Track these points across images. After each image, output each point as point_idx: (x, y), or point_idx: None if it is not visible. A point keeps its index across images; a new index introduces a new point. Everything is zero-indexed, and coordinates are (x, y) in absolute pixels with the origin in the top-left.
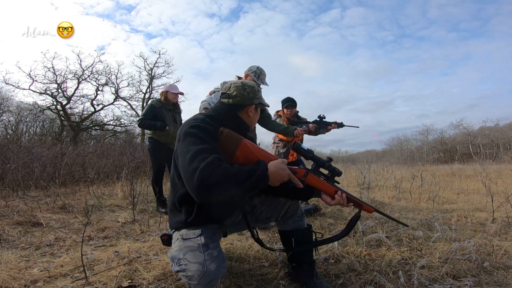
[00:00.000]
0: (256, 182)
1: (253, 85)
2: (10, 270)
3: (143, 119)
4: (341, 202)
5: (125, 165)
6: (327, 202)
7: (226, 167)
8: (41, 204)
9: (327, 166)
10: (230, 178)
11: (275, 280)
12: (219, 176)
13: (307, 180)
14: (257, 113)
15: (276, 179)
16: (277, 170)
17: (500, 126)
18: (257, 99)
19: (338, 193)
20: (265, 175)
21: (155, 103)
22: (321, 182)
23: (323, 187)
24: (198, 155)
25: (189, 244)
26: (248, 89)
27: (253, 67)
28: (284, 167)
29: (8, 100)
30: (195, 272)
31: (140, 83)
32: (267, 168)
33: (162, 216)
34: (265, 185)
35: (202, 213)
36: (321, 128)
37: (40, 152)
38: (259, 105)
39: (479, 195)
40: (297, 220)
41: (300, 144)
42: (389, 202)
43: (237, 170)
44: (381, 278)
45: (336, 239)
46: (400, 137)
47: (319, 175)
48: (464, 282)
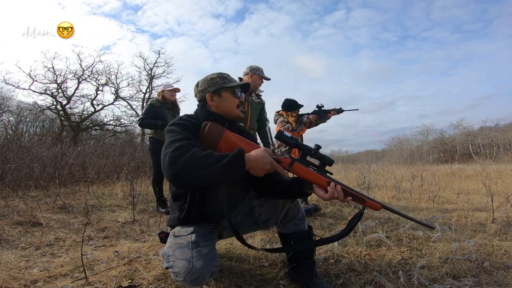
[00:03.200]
0: (227, 166)
1: (205, 77)
2: (10, 270)
3: (143, 118)
4: (336, 195)
5: (125, 165)
6: (321, 196)
7: (195, 151)
8: (41, 204)
9: (314, 154)
10: (198, 160)
11: (275, 280)
12: (186, 159)
13: (293, 170)
14: (222, 99)
15: (258, 167)
16: (257, 158)
17: (500, 126)
18: (212, 87)
19: (331, 184)
20: (239, 160)
21: (154, 103)
22: (309, 172)
23: (313, 178)
24: (171, 144)
25: (179, 241)
26: (200, 83)
27: (252, 66)
28: (266, 155)
29: (8, 100)
30: (181, 268)
31: (140, 83)
32: (242, 154)
33: (162, 216)
34: (241, 172)
35: (192, 209)
36: (321, 117)
37: (40, 152)
38: (217, 91)
39: (479, 195)
40: (298, 224)
41: (283, 132)
42: (389, 202)
43: (207, 153)
44: (381, 278)
45: (336, 239)
46: (400, 137)
47: (307, 165)
48: (464, 282)
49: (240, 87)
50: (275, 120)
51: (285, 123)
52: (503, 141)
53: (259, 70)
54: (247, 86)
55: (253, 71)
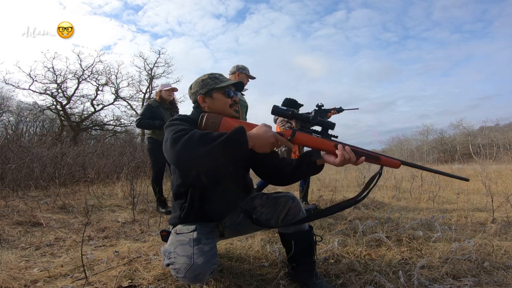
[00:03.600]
0: (227, 141)
1: (197, 79)
2: (10, 270)
3: (141, 119)
4: (347, 157)
5: (125, 165)
6: (332, 163)
7: (195, 131)
8: (41, 204)
9: (313, 120)
10: (197, 137)
11: (275, 280)
12: (186, 138)
13: (297, 141)
14: (214, 100)
15: (262, 143)
16: (260, 133)
17: (500, 126)
18: (203, 88)
19: (338, 147)
20: (240, 135)
21: (152, 103)
22: (313, 139)
23: (318, 144)
24: (171, 132)
25: (180, 238)
26: (192, 85)
27: (239, 66)
28: (268, 129)
29: (8, 100)
30: (182, 265)
31: (140, 83)
32: (243, 130)
33: (162, 216)
34: (243, 148)
35: (193, 208)
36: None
37: (40, 152)
38: (208, 92)
39: (479, 195)
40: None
41: (278, 106)
42: (389, 202)
43: (207, 132)
44: (381, 278)
45: (352, 204)
46: (400, 137)
47: (309, 132)
48: (464, 282)
49: (233, 86)
50: (275, 120)
51: (285, 122)
52: (503, 141)
53: (246, 69)
54: (240, 85)
55: (239, 70)
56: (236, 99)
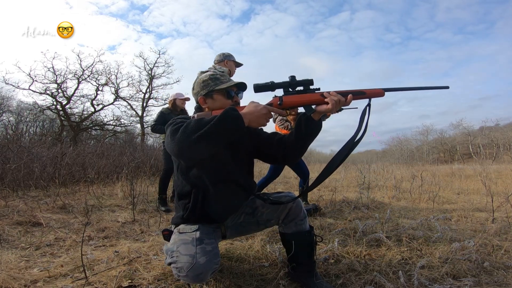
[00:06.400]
0: (222, 120)
1: (199, 80)
2: (10, 270)
3: (155, 124)
4: (336, 99)
5: (125, 165)
6: (326, 110)
7: (190, 120)
8: (41, 204)
9: (291, 81)
10: (193, 124)
11: (275, 280)
12: (184, 127)
13: (286, 104)
14: (214, 101)
15: (256, 117)
16: (251, 109)
17: (500, 126)
18: (204, 89)
19: (325, 94)
20: (233, 112)
21: (164, 110)
22: (300, 96)
23: (306, 99)
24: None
25: (183, 238)
26: (194, 86)
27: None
28: (257, 103)
29: (8, 100)
30: (184, 263)
31: (140, 83)
32: (234, 108)
33: (162, 216)
34: (238, 124)
35: (196, 209)
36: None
37: (40, 152)
38: (209, 93)
39: (479, 195)
40: (299, 224)
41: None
42: (389, 202)
43: (200, 118)
44: (381, 278)
45: (355, 144)
46: (400, 137)
47: (294, 93)
48: (464, 282)
49: (235, 86)
50: (274, 119)
51: (284, 122)
52: (503, 141)
53: (232, 56)
54: (243, 85)
55: (227, 57)
56: (237, 100)
